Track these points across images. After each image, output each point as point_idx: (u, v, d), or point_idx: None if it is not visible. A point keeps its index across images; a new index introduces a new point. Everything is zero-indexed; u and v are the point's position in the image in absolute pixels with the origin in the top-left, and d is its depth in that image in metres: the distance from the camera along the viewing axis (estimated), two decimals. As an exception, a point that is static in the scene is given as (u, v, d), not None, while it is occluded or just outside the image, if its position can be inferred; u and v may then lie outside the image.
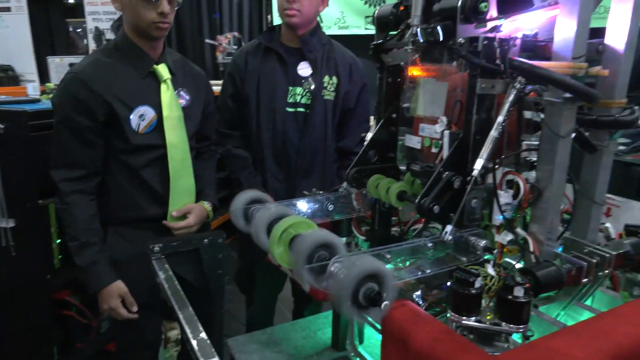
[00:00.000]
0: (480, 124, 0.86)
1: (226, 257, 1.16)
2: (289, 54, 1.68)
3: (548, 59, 0.86)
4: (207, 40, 3.78)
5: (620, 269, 0.94)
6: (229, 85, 1.76)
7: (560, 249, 0.96)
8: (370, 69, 1.77)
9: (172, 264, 1.08)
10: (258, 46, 1.73)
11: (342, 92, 1.71)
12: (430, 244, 0.82)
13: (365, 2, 3.63)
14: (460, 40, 0.83)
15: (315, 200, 1.10)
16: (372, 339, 1.22)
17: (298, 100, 1.69)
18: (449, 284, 0.93)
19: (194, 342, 0.80)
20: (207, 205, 1.54)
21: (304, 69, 1.68)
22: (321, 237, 0.77)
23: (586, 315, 0.97)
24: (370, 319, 0.77)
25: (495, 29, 0.86)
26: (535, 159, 0.92)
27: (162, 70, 1.41)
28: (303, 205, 1.09)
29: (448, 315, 0.83)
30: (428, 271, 0.82)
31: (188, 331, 0.84)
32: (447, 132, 0.91)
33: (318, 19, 1.74)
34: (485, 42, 0.82)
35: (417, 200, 0.86)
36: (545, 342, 0.74)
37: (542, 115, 0.88)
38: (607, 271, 0.90)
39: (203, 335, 0.82)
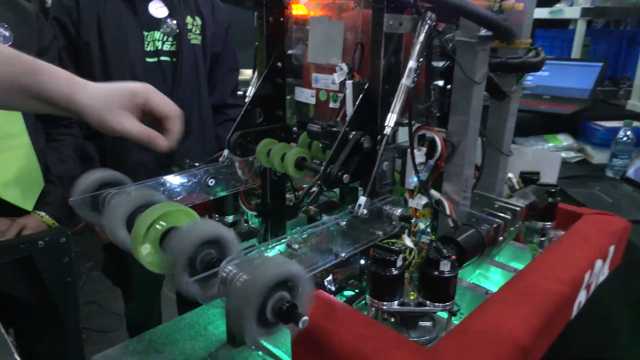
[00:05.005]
0: (388, 70, 0.71)
1: (73, 260, 0.88)
2: None
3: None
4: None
5: (526, 219, 0.91)
6: (57, 35, 1.32)
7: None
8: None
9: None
10: None
11: (209, 35, 1.44)
12: (344, 223, 0.67)
13: None
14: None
15: (190, 175, 0.87)
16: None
17: (160, 48, 1.38)
18: (362, 261, 0.81)
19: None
20: (45, 217, 1.16)
21: (159, 9, 1.35)
22: (206, 231, 0.57)
23: (494, 270, 0.93)
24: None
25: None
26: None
27: None
28: (175, 182, 0.86)
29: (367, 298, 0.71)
30: (343, 255, 0.67)
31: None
32: (349, 83, 0.74)
33: None
34: (391, -33, 0.66)
35: (322, 169, 0.69)
36: (476, 322, 0.66)
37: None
38: (518, 224, 0.85)
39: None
